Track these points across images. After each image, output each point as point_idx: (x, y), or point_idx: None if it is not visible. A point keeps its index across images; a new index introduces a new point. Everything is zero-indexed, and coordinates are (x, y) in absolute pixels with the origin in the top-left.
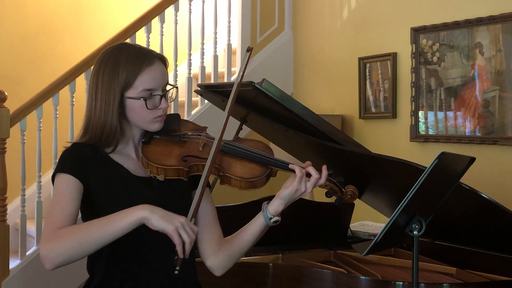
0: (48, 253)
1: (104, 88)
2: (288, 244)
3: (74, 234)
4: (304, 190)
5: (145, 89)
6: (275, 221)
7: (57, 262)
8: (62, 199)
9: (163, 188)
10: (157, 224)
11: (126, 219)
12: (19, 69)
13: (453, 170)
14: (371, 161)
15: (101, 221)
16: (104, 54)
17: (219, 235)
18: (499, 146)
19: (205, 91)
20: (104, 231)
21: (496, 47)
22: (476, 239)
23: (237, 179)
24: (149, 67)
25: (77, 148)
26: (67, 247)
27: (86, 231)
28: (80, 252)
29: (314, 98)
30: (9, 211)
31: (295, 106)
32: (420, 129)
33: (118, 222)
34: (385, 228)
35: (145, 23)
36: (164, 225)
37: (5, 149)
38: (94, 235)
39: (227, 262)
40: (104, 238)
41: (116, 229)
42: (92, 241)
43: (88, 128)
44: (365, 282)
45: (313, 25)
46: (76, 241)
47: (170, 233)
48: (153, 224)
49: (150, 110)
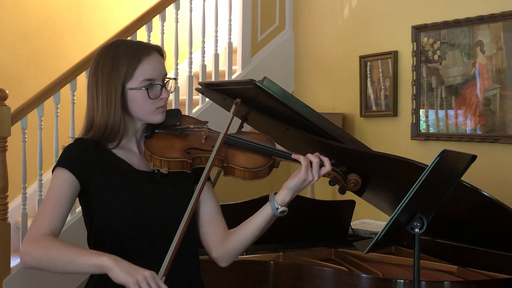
0: (24, 254)
1: (104, 83)
2: (289, 242)
3: (49, 249)
4: (311, 179)
5: (145, 78)
6: (282, 211)
7: (29, 265)
8: (56, 196)
9: (166, 182)
10: (117, 276)
11: (91, 259)
12: (20, 67)
13: (454, 168)
14: (372, 159)
15: (73, 250)
16: (102, 51)
17: (223, 227)
18: (500, 144)
19: (206, 90)
20: (70, 260)
21: (497, 45)
22: (477, 237)
23: (240, 169)
24: (148, 57)
25: (81, 144)
26: (39, 258)
27: (58, 252)
28: (47, 267)
29: (315, 96)
30: (10, 210)
31: (296, 104)
32: (421, 128)
33: (84, 258)
34: (386, 226)
35: (146, 21)
36: (124, 278)
37: (6, 148)
38: (61, 260)
39: (233, 253)
40: (67, 267)
41: (79, 264)
42: (58, 264)
43: (91, 125)
44: (366, 280)
45: (314, 24)
46: (47, 256)
47: (129, 286)
48: (113, 276)
49: (152, 100)
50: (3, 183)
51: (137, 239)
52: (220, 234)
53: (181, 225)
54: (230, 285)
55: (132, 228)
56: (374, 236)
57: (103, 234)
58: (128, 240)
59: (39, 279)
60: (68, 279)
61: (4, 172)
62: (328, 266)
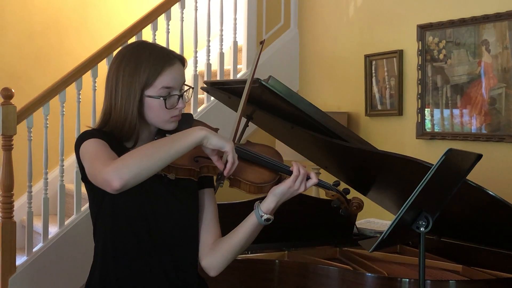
0: (116, 170)
1: (125, 85)
2: (294, 241)
3: (138, 152)
4: (297, 188)
5: (164, 86)
6: (267, 219)
7: (126, 177)
8: (104, 148)
9: (174, 186)
10: (216, 142)
11: (189, 138)
12: (26, 66)
13: (460, 167)
14: (377, 158)
15: (164, 140)
16: (125, 52)
17: (216, 235)
18: (506, 144)
19: (211, 88)
20: (169, 147)
21: (502, 44)
22: (483, 236)
23: (247, 183)
24: (170, 67)
25: (101, 133)
26: (136, 161)
27: (151, 147)
28: (149, 165)
29: (320, 95)
30: (16, 208)
31: (301, 103)
32: (426, 127)
33: (181, 141)
34: (391, 224)
35: (151, 20)
36: (223, 143)
37: (12, 146)
38: (158, 154)
39: (221, 262)
40: (170, 154)
41: (179, 147)
42: (160, 156)
43: (108, 119)
44: (371, 279)
45: (319, 23)
46: (145, 155)
47: (228, 150)
48: (212, 143)
49: (168, 110)
50: (8, 181)
51: (138, 237)
52: (211, 242)
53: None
54: (234, 283)
55: (135, 221)
56: (379, 235)
57: (108, 225)
58: (128, 238)
59: (45, 277)
60: (73, 276)
61: (9, 171)
62: (333, 265)
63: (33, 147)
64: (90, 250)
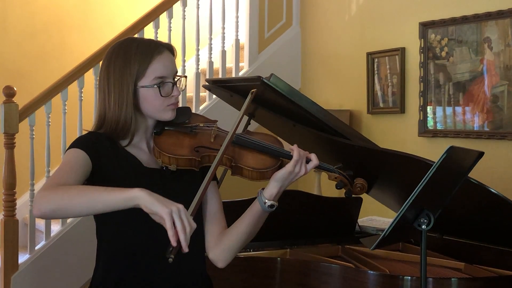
0: (39, 198)
1: (117, 81)
2: (296, 239)
3: (70, 190)
4: (298, 171)
5: (157, 76)
6: (271, 205)
7: (43, 209)
8: (69, 168)
9: (174, 179)
10: (151, 205)
11: (122, 195)
12: (28, 64)
13: (461, 164)
14: (380, 156)
15: (100, 188)
16: (113, 49)
17: (222, 226)
18: (508, 141)
19: (213, 86)
20: (97, 196)
21: (505, 41)
22: (484, 234)
23: (248, 169)
24: (159, 55)
25: (94, 135)
26: (59, 198)
27: (81, 192)
28: (67, 209)
29: (322, 93)
30: (18, 206)
31: (303, 101)
32: (428, 124)
33: (113, 194)
34: (393, 222)
35: (153, 18)
36: (158, 208)
37: (14, 144)
38: (86, 198)
39: (228, 254)
40: (94, 204)
41: (109, 200)
42: (82, 202)
43: (103, 121)
44: (373, 277)
45: (321, 20)
46: (69, 196)
47: (162, 215)
48: (147, 206)
49: (164, 98)
50: (11, 179)
51: (141, 234)
52: (217, 234)
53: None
54: (237, 281)
55: (136, 223)
56: (381, 232)
57: (109, 224)
58: (133, 235)
59: (47, 275)
60: (76, 274)
61: (12, 169)
62: (335, 262)
63: (35, 145)
64: (93, 248)
